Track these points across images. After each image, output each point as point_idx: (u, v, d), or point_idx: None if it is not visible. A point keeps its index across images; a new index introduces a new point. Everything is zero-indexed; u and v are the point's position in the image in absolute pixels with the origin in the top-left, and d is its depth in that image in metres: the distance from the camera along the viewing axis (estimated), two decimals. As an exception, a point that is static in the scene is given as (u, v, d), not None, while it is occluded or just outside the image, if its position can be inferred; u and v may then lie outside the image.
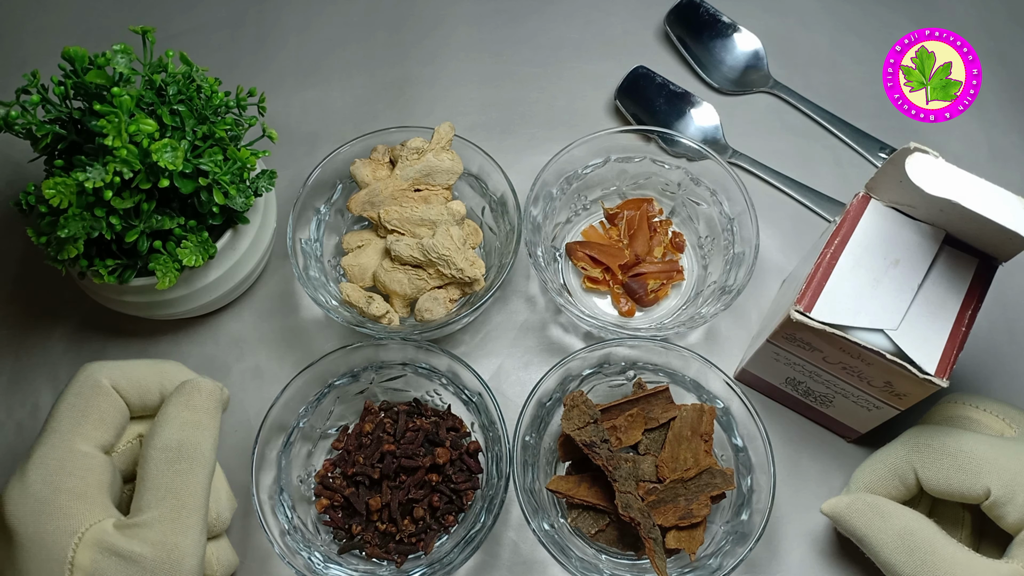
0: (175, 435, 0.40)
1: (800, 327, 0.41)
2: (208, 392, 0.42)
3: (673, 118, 0.61)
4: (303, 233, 0.53)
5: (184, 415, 0.41)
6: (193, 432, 0.40)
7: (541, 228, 0.53)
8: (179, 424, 0.40)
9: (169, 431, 0.40)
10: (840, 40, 0.65)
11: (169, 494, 0.39)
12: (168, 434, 0.40)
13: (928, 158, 0.39)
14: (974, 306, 0.41)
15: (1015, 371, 0.53)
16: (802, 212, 0.58)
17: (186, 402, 0.41)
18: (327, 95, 0.63)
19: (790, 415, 0.52)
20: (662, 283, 0.54)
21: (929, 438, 0.43)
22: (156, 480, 0.39)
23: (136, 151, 0.42)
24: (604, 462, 0.44)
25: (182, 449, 0.40)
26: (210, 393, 0.42)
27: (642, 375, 0.49)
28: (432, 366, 0.49)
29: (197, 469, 0.40)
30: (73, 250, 0.43)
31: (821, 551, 0.49)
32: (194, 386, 0.42)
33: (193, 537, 0.39)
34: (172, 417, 0.41)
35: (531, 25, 0.66)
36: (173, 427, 0.40)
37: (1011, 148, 0.61)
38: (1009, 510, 0.40)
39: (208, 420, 0.41)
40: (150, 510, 0.38)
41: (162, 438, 0.40)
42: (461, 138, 0.53)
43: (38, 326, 0.55)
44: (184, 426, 0.40)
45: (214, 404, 0.42)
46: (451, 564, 0.44)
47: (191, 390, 0.42)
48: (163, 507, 0.38)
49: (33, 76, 0.44)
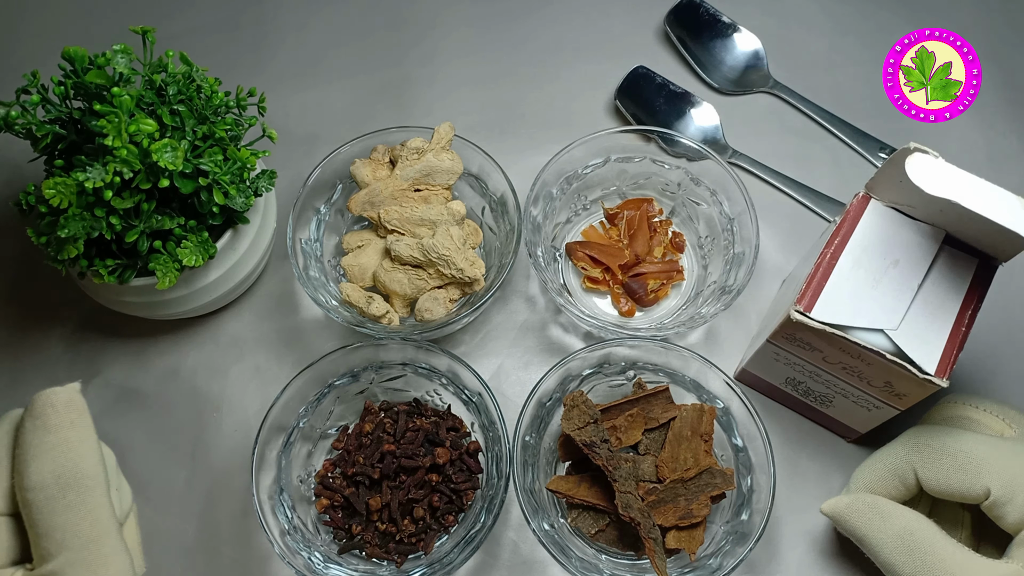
0: (45, 467, 0.35)
1: (800, 327, 0.41)
2: (64, 404, 0.36)
3: (673, 118, 0.61)
4: (303, 233, 0.53)
5: (48, 440, 0.36)
6: (64, 456, 0.35)
7: (541, 228, 0.53)
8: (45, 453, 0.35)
9: (37, 465, 0.35)
10: (840, 40, 0.65)
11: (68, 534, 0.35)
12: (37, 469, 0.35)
13: (928, 158, 0.39)
14: (974, 306, 0.41)
15: (1015, 371, 0.53)
16: (802, 212, 0.58)
17: (44, 425, 0.36)
18: (327, 95, 0.63)
19: (790, 415, 0.52)
20: (662, 283, 0.54)
21: (929, 438, 0.43)
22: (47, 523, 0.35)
23: (136, 151, 0.42)
24: (604, 462, 0.44)
25: (60, 481, 0.35)
26: (67, 404, 0.37)
27: (642, 375, 0.49)
28: (432, 366, 0.49)
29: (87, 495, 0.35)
30: (73, 250, 0.43)
31: (821, 551, 0.49)
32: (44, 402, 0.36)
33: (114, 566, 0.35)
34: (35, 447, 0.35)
35: (531, 25, 0.66)
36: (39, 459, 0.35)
37: (1010, 148, 0.61)
38: (1009, 510, 0.40)
39: (76, 434, 0.36)
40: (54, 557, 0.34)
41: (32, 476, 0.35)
42: (461, 138, 0.53)
43: (38, 326, 0.55)
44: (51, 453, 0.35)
45: (75, 414, 0.37)
46: (451, 564, 0.44)
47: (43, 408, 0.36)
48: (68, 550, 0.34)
49: (33, 76, 0.44)
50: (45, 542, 0.35)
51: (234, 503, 0.50)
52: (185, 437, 0.52)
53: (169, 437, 0.52)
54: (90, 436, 0.37)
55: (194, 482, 0.51)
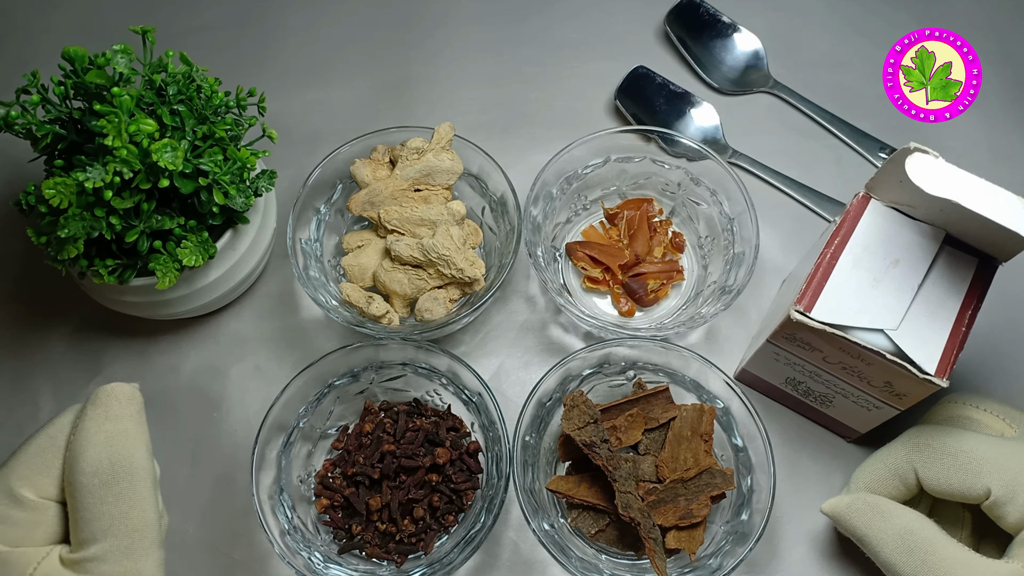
0: (103, 453, 0.36)
1: (800, 327, 0.41)
2: (127, 396, 0.38)
3: (673, 118, 0.61)
4: (303, 233, 0.53)
5: (107, 428, 0.37)
6: (122, 445, 0.37)
7: (541, 228, 0.53)
8: (103, 440, 0.37)
9: (94, 450, 0.36)
10: (840, 40, 0.65)
11: (115, 522, 0.36)
12: (94, 454, 0.36)
13: (928, 158, 0.39)
14: (974, 306, 0.41)
15: (1015, 371, 0.53)
16: (802, 212, 0.58)
17: (105, 413, 0.37)
18: (327, 95, 0.63)
19: (790, 415, 0.52)
20: (662, 283, 0.54)
21: (929, 438, 0.43)
22: (96, 509, 0.36)
23: (136, 151, 0.42)
24: (604, 462, 0.44)
25: (115, 468, 0.36)
26: (129, 397, 0.38)
27: (642, 375, 0.49)
28: (432, 366, 0.49)
29: (138, 485, 0.36)
30: (73, 250, 0.43)
31: (821, 551, 0.49)
32: (109, 393, 0.38)
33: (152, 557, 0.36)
34: (93, 433, 0.37)
35: (531, 25, 0.66)
36: (97, 445, 0.36)
37: (1011, 148, 0.61)
38: (1009, 510, 0.40)
39: (134, 427, 0.38)
40: (98, 542, 0.35)
41: (89, 460, 0.36)
42: (461, 138, 0.53)
43: (38, 326, 0.55)
44: (110, 441, 0.37)
45: (135, 408, 0.38)
46: (451, 564, 0.44)
47: (107, 398, 0.38)
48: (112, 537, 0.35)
49: (33, 76, 0.44)
50: (90, 526, 0.36)
51: (234, 503, 0.50)
52: (185, 437, 0.52)
53: (169, 437, 0.52)
54: (145, 432, 0.38)
55: (194, 482, 0.51)
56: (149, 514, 0.37)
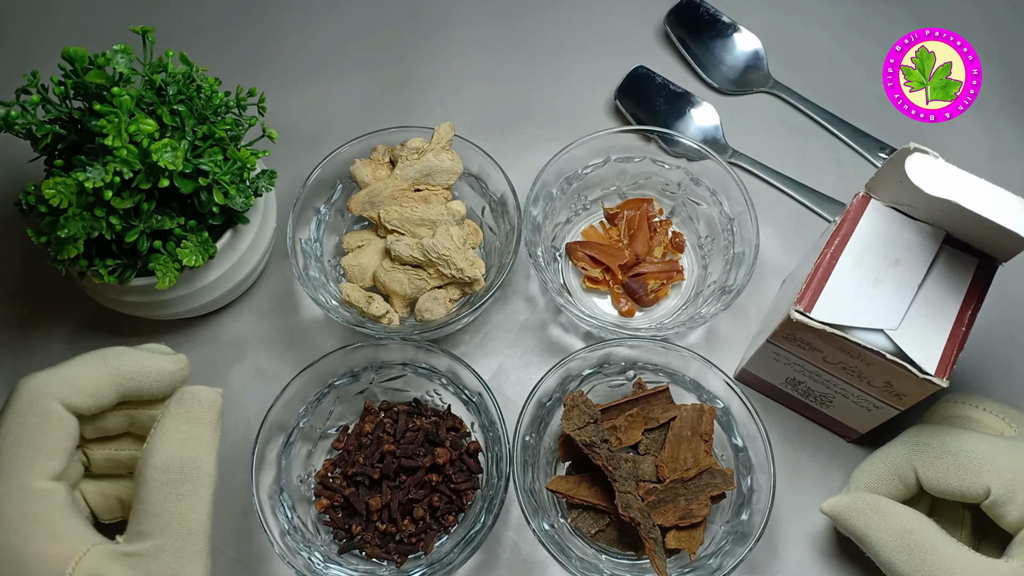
0: (176, 452, 0.37)
1: (800, 327, 0.41)
2: (210, 403, 0.39)
3: (673, 118, 0.61)
4: (303, 233, 0.53)
5: (184, 429, 0.38)
6: (195, 448, 0.38)
7: (541, 228, 0.53)
8: (179, 440, 0.38)
9: (169, 448, 0.37)
10: (840, 40, 0.65)
11: (173, 520, 0.36)
12: (168, 452, 0.37)
13: (928, 158, 0.39)
14: (974, 306, 0.41)
15: (1015, 371, 0.53)
16: (802, 212, 0.58)
17: (186, 414, 0.38)
18: (327, 95, 0.63)
19: (790, 415, 0.52)
20: (662, 283, 0.54)
21: (929, 437, 0.43)
22: (158, 505, 0.36)
23: (136, 151, 0.42)
24: (604, 462, 0.44)
25: (185, 469, 0.37)
26: (211, 404, 0.39)
27: (642, 375, 0.49)
28: (432, 366, 0.49)
29: (201, 490, 0.37)
30: (73, 250, 0.43)
31: (821, 551, 0.49)
32: (193, 396, 0.39)
33: (200, 564, 0.37)
34: (171, 431, 0.38)
35: (531, 25, 0.66)
36: (173, 443, 0.37)
37: (1011, 148, 0.61)
38: (1009, 509, 0.40)
39: (210, 434, 0.39)
40: (152, 538, 0.36)
41: (162, 456, 0.37)
42: (461, 138, 0.53)
43: (38, 326, 0.55)
44: (185, 442, 0.38)
45: (215, 415, 0.39)
46: (451, 564, 0.44)
47: (190, 401, 0.39)
48: (167, 535, 0.36)
49: (33, 76, 0.44)
50: (149, 521, 0.36)
51: (234, 503, 0.50)
52: (185, 437, 0.52)
53: (169, 437, 0.52)
54: (218, 440, 0.39)
55: (194, 482, 0.51)
56: (206, 521, 0.37)
